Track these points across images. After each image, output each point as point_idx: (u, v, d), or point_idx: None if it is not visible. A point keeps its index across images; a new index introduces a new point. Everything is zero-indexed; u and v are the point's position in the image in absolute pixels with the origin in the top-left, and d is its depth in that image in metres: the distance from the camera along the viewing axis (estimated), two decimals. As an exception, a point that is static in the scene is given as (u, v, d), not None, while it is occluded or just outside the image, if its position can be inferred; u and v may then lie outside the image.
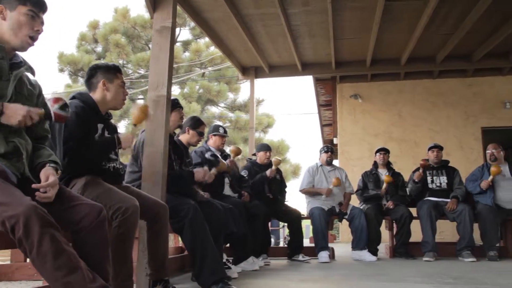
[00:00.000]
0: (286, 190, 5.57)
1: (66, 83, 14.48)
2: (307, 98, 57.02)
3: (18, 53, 1.88)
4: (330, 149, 5.60)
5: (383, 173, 5.53)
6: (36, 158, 1.88)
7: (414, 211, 5.25)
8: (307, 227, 13.71)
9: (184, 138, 3.70)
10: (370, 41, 6.05)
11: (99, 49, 14.76)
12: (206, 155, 3.53)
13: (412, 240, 5.18)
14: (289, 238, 5.37)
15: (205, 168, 3.43)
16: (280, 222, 9.22)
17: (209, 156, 3.51)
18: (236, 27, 5.51)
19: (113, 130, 2.54)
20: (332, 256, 5.03)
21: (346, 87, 8.72)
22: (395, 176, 5.50)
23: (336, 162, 6.30)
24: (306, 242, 9.54)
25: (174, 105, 3.41)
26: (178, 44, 14.58)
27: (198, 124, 3.76)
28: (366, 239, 5.00)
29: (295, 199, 13.90)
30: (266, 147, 5.28)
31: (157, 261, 2.53)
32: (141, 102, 2.89)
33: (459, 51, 6.58)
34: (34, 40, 1.84)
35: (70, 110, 2.13)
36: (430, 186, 5.26)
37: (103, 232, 1.77)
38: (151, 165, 3.00)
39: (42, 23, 1.86)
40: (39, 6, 1.85)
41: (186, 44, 14.66)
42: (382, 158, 5.59)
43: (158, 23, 3.46)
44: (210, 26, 5.64)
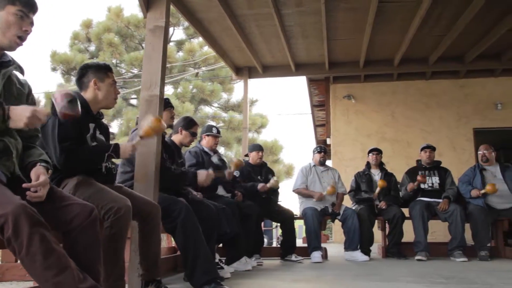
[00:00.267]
0: (279, 190, 5.58)
1: (58, 82, 14.40)
2: (301, 98, 57.06)
3: (7, 52, 1.86)
4: (323, 149, 5.62)
5: (376, 173, 5.56)
6: (26, 157, 1.87)
7: (406, 211, 5.28)
8: (300, 227, 13.73)
9: (176, 138, 3.69)
10: (363, 42, 6.07)
11: (92, 48, 14.67)
12: (213, 159, 3.51)
13: (404, 240, 5.21)
14: (281, 238, 5.38)
15: (209, 171, 3.43)
16: (273, 222, 9.22)
17: (216, 160, 3.48)
18: (230, 27, 5.51)
19: (104, 130, 2.53)
20: (325, 256, 5.05)
21: (339, 88, 8.75)
22: (388, 176, 5.52)
23: (329, 163, 6.31)
24: (299, 242, 9.56)
25: (165, 104, 3.40)
26: (171, 43, 14.53)
27: (191, 124, 3.76)
28: (358, 240, 5.02)
29: (288, 199, 13.94)
30: (258, 147, 5.29)
31: (149, 261, 2.52)
32: (152, 116, 2.84)
33: (452, 53, 6.62)
34: (22, 40, 1.82)
35: (79, 104, 1.89)
36: (422, 186, 5.29)
37: (95, 232, 1.76)
38: (144, 165, 2.99)
39: (32, 24, 1.84)
40: (29, 6, 1.83)
41: (180, 43, 14.62)
42: (375, 159, 5.61)
43: (151, 23, 3.45)
44: (204, 26, 5.63)
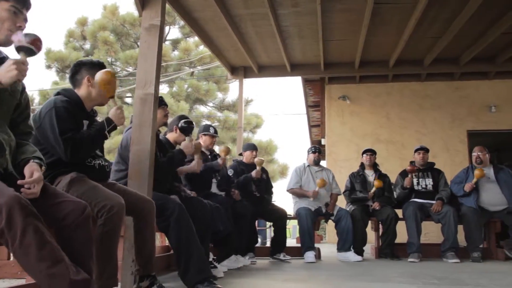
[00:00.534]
0: (273, 189, 5.59)
1: (53, 80, 14.33)
2: (296, 98, 57.07)
3: (2, 49, 1.85)
4: (318, 149, 5.64)
5: (370, 174, 5.57)
6: (19, 154, 1.86)
7: (399, 212, 5.30)
8: (294, 227, 13.75)
9: (171, 136, 3.69)
10: (359, 43, 6.09)
11: (87, 46, 14.62)
12: (179, 124, 3.47)
13: (397, 241, 5.23)
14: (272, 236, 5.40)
15: (187, 139, 3.40)
16: (267, 222, 9.22)
17: (182, 124, 3.44)
18: (225, 27, 5.51)
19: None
20: (318, 256, 5.06)
21: (334, 89, 8.77)
22: (382, 177, 5.53)
23: (323, 163, 6.33)
24: (293, 242, 9.59)
25: (159, 103, 3.39)
26: (167, 42, 14.51)
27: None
28: (351, 241, 5.04)
29: (282, 199, 13.96)
30: (252, 147, 5.30)
31: (144, 256, 2.51)
32: (99, 73, 2.67)
33: (447, 55, 6.66)
34: None
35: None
36: (416, 188, 5.31)
37: (87, 229, 1.76)
38: (138, 163, 2.98)
39: (25, 20, 1.83)
40: (22, 2, 1.82)
41: (176, 42, 14.60)
42: (369, 159, 5.63)
43: (147, 21, 3.45)
44: (199, 25, 5.63)
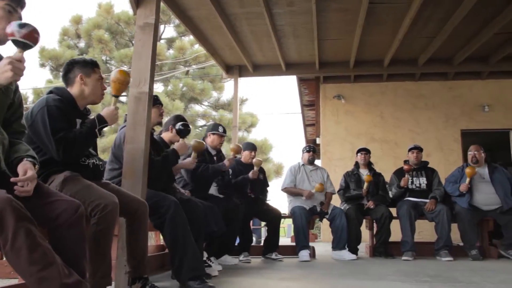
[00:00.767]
0: (268, 189, 5.59)
1: (47, 79, 14.24)
2: (291, 98, 57.11)
3: None
4: (312, 148, 5.65)
5: (365, 173, 5.59)
6: (13, 153, 1.85)
7: (394, 211, 5.33)
8: (289, 226, 13.77)
9: (166, 136, 3.67)
10: (354, 42, 6.10)
11: (82, 44, 14.53)
12: (176, 126, 3.49)
13: (391, 239, 5.25)
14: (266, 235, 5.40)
15: (180, 141, 3.40)
16: (261, 222, 9.23)
17: (179, 126, 3.45)
18: (220, 26, 5.50)
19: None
20: (312, 255, 5.07)
21: (329, 88, 8.79)
22: (376, 176, 5.56)
23: (318, 162, 6.35)
24: (288, 241, 9.60)
25: (153, 101, 3.38)
26: (162, 41, 14.47)
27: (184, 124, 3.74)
28: (346, 239, 5.06)
29: (277, 199, 13.96)
30: (251, 147, 5.26)
31: (136, 258, 2.51)
32: (115, 71, 2.76)
33: (441, 55, 6.69)
34: None
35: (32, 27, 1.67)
36: (410, 187, 5.34)
37: (81, 228, 1.75)
38: (131, 162, 2.98)
39: (20, 18, 1.83)
40: (16, 0, 1.81)
41: (171, 41, 14.55)
42: (363, 158, 5.65)
43: (141, 20, 3.44)
44: (194, 24, 5.62)
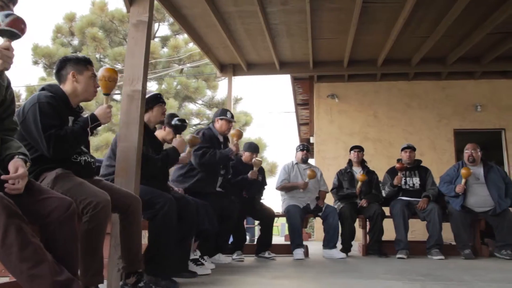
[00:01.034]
0: (264, 188, 5.56)
1: (40, 76, 14.16)
2: (285, 97, 57.14)
3: None
4: (306, 147, 5.64)
5: (358, 171, 5.60)
6: (4, 150, 1.84)
7: (387, 210, 5.35)
8: (283, 225, 13.79)
9: (159, 134, 3.65)
10: (348, 42, 6.11)
11: (76, 42, 14.45)
12: (173, 122, 3.47)
13: (384, 238, 5.28)
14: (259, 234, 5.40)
15: (178, 137, 3.37)
16: (255, 221, 9.24)
17: (175, 121, 3.43)
18: (214, 24, 5.49)
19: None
20: (306, 253, 5.09)
21: (323, 87, 8.81)
22: (370, 174, 5.57)
23: (312, 161, 6.37)
24: (281, 240, 9.61)
25: (157, 100, 3.35)
26: (156, 39, 14.42)
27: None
28: (337, 238, 5.10)
29: (270, 198, 13.96)
30: (254, 149, 5.19)
31: (130, 253, 2.50)
32: (104, 68, 2.75)
33: (434, 54, 6.72)
34: None
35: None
36: (403, 187, 5.35)
37: (72, 226, 1.75)
38: (124, 160, 2.97)
39: None
40: None
41: (165, 39, 14.51)
42: (356, 156, 5.66)
43: (135, 17, 3.42)
44: (188, 22, 5.61)
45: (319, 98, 8.82)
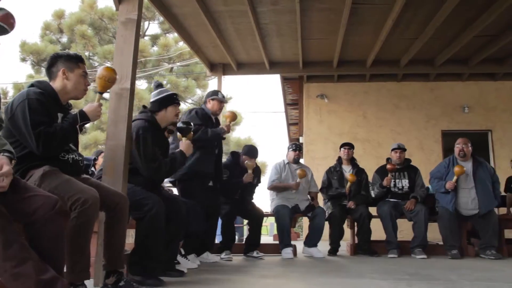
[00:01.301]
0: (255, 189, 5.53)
1: (28, 73, 14.02)
2: (275, 96, 57.13)
3: None
4: (298, 147, 5.56)
5: (348, 169, 5.58)
6: (-12, 148, 1.82)
7: (374, 209, 5.38)
8: (272, 225, 13.81)
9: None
10: (337, 42, 6.15)
11: (64, 39, 14.34)
12: (178, 124, 3.44)
13: (373, 238, 5.31)
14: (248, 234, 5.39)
15: (184, 140, 3.33)
16: (244, 220, 9.23)
17: (180, 124, 3.40)
18: (204, 23, 5.48)
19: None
20: (294, 253, 5.10)
21: (312, 87, 8.84)
22: (359, 173, 5.55)
23: (301, 161, 6.34)
24: (270, 240, 9.63)
25: (172, 100, 3.28)
26: (146, 38, 14.36)
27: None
28: (319, 238, 5.18)
29: (258, 197, 13.96)
30: (252, 154, 5.05)
31: (112, 251, 2.47)
32: (102, 67, 2.73)
33: (422, 56, 6.79)
34: None
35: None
36: (392, 189, 5.33)
37: (58, 224, 1.73)
38: (112, 158, 2.95)
39: None
40: None
41: (155, 38, 14.47)
42: (347, 153, 5.63)
43: (123, 15, 3.40)
44: (178, 21, 5.59)
45: (309, 98, 8.85)
